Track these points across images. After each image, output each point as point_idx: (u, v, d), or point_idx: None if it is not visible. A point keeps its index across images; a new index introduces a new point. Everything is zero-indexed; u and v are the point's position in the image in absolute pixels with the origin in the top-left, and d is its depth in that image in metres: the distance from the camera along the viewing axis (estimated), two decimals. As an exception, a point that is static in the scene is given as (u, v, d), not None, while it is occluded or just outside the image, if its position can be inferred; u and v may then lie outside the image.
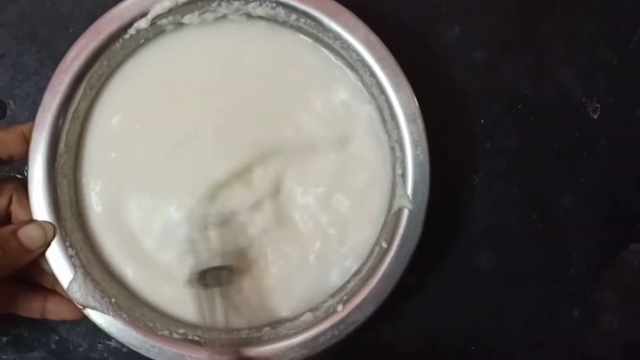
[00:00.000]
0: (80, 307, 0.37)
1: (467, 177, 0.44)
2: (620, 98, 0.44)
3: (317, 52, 0.40)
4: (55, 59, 0.38)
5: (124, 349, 0.43)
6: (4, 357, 0.43)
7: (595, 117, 0.44)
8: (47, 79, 0.38)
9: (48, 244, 0.37)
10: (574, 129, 0.44)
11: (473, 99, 0.44)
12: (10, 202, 0.39)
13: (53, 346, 0.44)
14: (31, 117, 0.38)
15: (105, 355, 0.44)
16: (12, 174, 0.43)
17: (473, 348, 0.44)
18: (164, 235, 0.40)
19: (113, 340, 0.43)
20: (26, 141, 0.38)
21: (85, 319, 0.38)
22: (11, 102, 0.44)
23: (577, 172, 0.44)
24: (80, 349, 0.44)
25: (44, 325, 0.43)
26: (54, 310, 0.39)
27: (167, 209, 0.40)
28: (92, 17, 0.38)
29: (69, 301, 0.38)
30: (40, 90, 0.38)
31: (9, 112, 0.44)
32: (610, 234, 0.44)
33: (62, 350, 0.44)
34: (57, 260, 0.37)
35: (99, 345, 0.44)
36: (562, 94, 0.44)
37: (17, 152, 0.38)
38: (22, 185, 0.39)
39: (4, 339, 0.43)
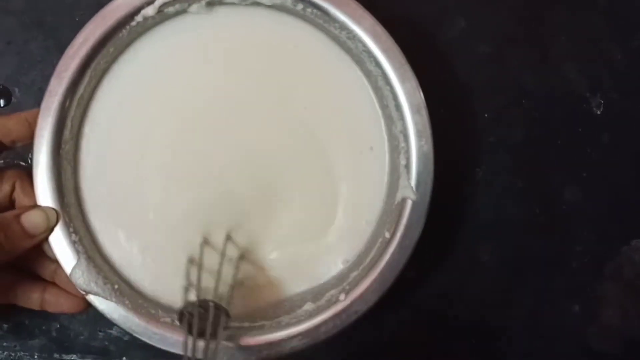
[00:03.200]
0: (83, 292, 0.37)
1: (470, 170, 0.44)
2: (624, 94, 0.44)
3: (322, 41, 0.40)
4: (62, 47, 0.38)
5: (125, 337, 0.43)
6: (4, 344, 0.43)
7: (599, 112, 0.44)
8: (53, 67, 0.38)
9: (51, 230, 0.37)
10: (578, 124, 0.44)
11: (477, 93, 0.44)
12: (13, 189, 0.39)
13: (54, 334, 0.43)
14: (36, 104, 0.38)
15: (106, 343, 0.44)
16: (16, 161, 0.43)
17: (474, 340, 0.44)
18: (168, 228, 0.39)
19: (114, 328, 0.43)
20: (29, 127, 0.38)
21: (87, 309, 0.38)
22: (16, 90, 0.44)
23: (580, 167, 0.44)
24: (82, 337, 0.44)
25: (45, 313, 0.42)
26: (53, 302, 0.39)
27: (171, 200, 0.39)
28: (99, 6, 0.38)
29: (68, 293, 0.38)
30: (46, 78, 0.38)
31: (14, 100, 0.44)
32: (612, 229, 0.44)
33: (63, 338, 0.43)
34: (61, 245, 0.37)
35: (100, 333, 0.44)
36: (566, 89, 0.44)
37: (20, 137, 0.38)
38: (26, 173, 0.39)
39: (5, 326, 0.43)
